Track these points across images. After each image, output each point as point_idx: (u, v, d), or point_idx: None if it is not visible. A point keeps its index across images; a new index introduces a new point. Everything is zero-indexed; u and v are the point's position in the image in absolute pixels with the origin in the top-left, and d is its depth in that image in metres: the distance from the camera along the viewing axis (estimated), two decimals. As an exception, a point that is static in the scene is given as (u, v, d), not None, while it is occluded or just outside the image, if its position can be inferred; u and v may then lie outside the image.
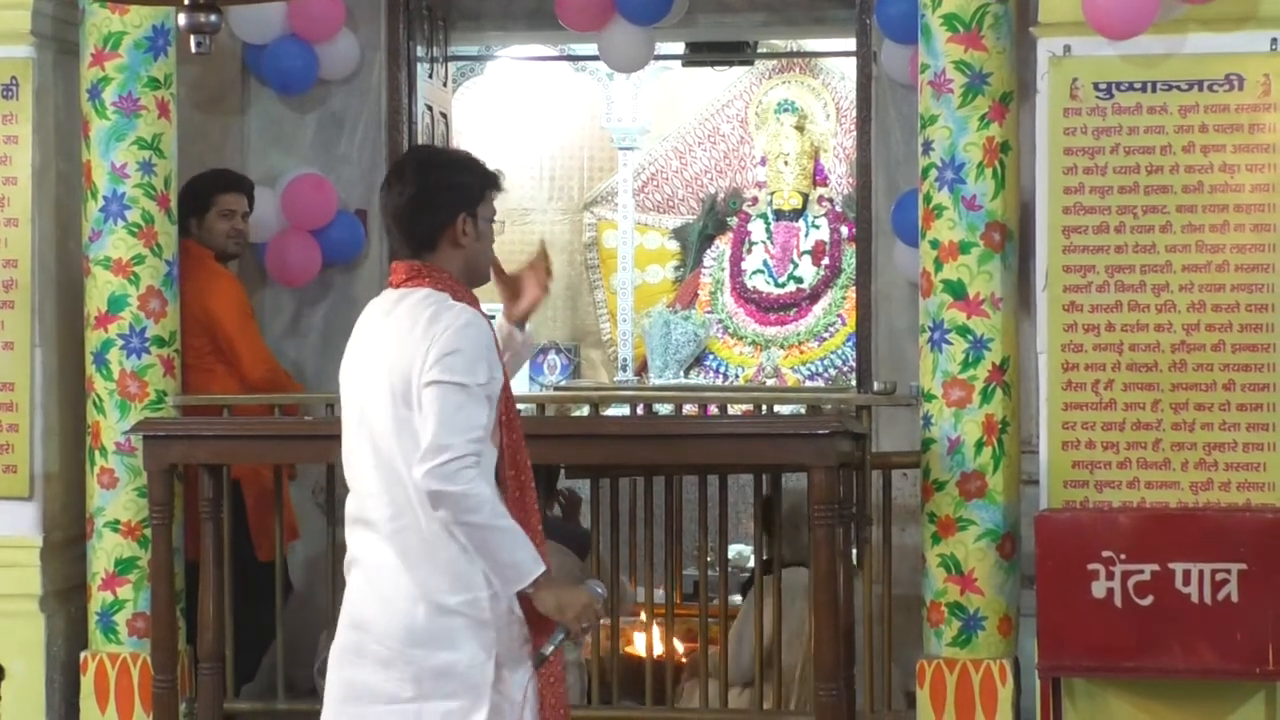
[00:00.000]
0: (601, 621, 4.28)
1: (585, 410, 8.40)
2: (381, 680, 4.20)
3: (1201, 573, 5.84)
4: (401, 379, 4.16)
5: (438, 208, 4.27)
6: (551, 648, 4.22)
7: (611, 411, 8.74)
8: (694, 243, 13.16)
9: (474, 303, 4.27)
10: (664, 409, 8.42)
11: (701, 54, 11.37)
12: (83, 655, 6.62)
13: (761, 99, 13.09)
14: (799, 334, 12.73)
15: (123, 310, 6.56)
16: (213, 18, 4.36)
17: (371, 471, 4.25)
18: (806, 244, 12.79)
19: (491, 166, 4.44)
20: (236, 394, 6.88)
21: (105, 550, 6.58)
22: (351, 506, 4.32)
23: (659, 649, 6.59)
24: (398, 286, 4.29)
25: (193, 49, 4.46)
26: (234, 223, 7.17)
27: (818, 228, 12.77)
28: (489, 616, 4.16)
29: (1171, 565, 5.85)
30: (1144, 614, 5.84)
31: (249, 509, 6.87)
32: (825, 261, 12.73)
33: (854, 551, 6.27)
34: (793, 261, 12.82)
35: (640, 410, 7.91)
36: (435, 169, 4.33)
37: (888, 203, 7.41)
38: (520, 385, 12.75)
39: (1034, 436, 6.32)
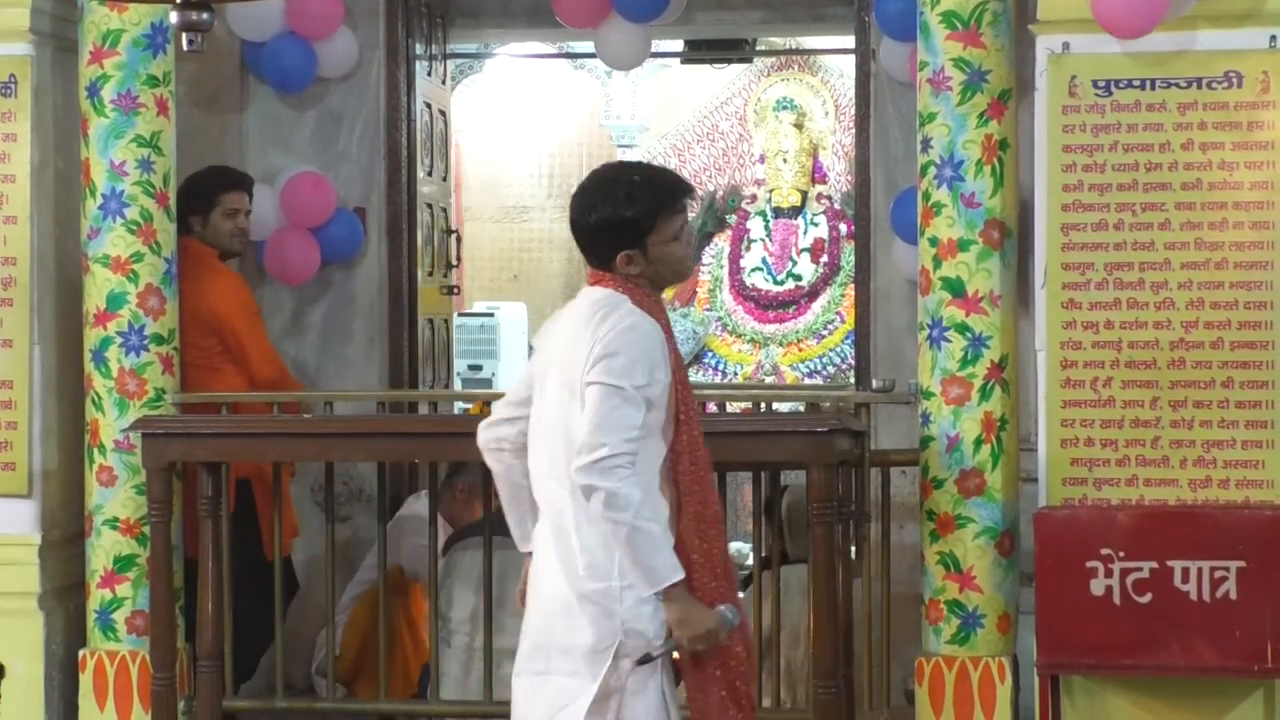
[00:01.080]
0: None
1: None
2: (524, 652, 4.49)
3: (1200, 570, 5.84)
4: (569, 373, 4.36)
5: (611, 239, 4.43)
6: (658, 654, 4.30)
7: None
8: (692, 240, 13.16)
9: (651, 304, 4.42)
10: (663, 406, 8.40)
11: (700, 51, 11.35)
12: (81, 653, 6.62)
13: (760, 96, 13.08)
14: (798, 331, 12.72)
15: (121, 308, 6.55)
16: (204, 15, 4.36)
17: (543, 455, 4.45)
18: (805, 241, 12.79)
19: (679, 177, 4.62)
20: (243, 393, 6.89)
21: (104, 548, 6.58)
22: (533, 487, 4.54)
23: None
24: (592, 285, 4.48)
25: (184, 47, 4.46)
26: (238, 221, 7.17)
27: (816, 225, 12.77)
28: (617, 607, 4.30)
29: (1170, 563, 5.85)
30: (1143, 611, 5.84)
31: (259, 507, 6.86)
32: (824, 259, 12.72)
33: (853, 549, 6.27)
34: (791, 259, 12.81)
35: (639, 408, 7.89)
36: (608, 205, 4.42)
37: (886, 200, 7.42)
38: (519, 383, 12.73)
39: (1032, 434, 6.32)
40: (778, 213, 12.82)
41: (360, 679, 6.98)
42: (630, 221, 4.41)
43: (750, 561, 6.94)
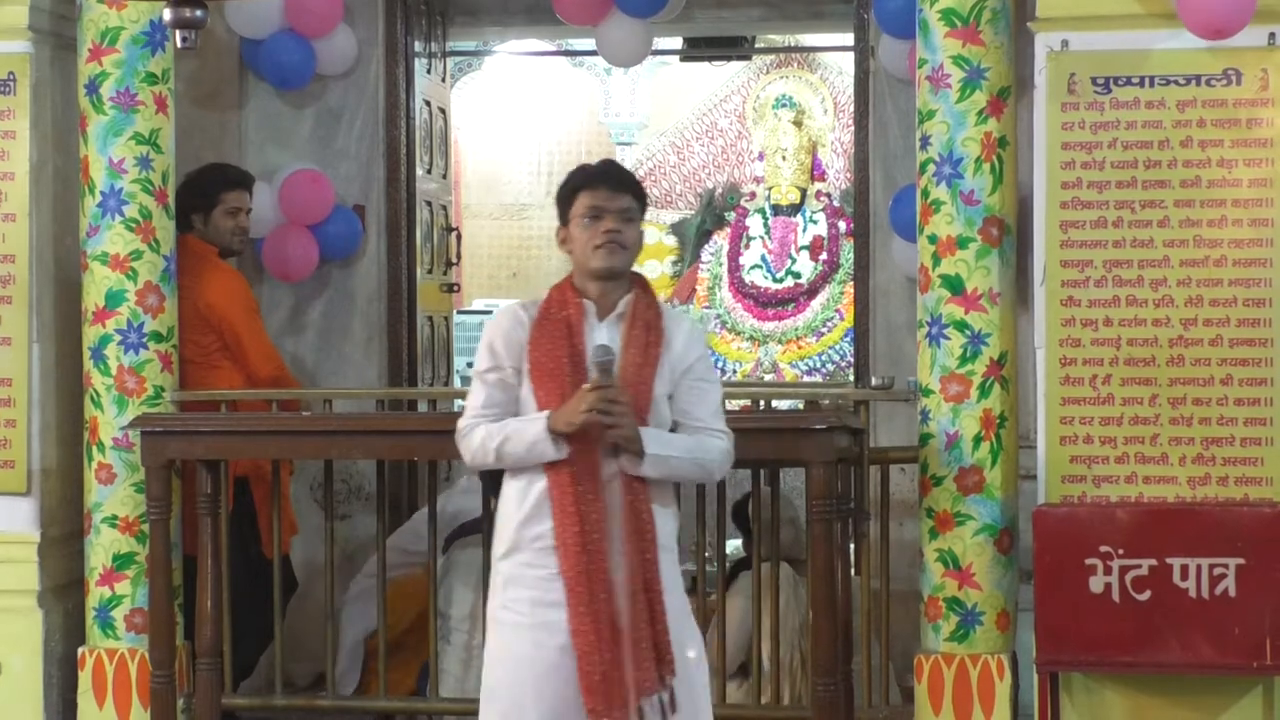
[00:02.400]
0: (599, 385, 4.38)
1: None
2: None
3: (1199, 567, 5.84)
4: None
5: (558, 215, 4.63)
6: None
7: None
8: (692, 238, 13.17)
9: (560, 298, 4.52)
10: (662, 404, 8.39)
11: (699, 49, 11.38)
12: (80, 651, 6.62)
13: (759, 94, 13.09)
14: (797, 329, 12.73)
15: (120, 306, 6.56)
16: (198, 13, 4.37)
17: None
18: (804, 239, 12.79)
19: (586, 162, 4.73)
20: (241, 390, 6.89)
21: (103, 546, 6.58)
22: None
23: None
24: None
25: (177, 44, 4.46)
26: (239, 220, 7.17)
27: (815, 223, 12.78)
28: (493, 576, 4.59)
29: (1169, 560, 5.86)
30: (1142, 609, 5.84)
31: (258, 505, 6.86)
32: (823, 256, 12.73)
33: (852, 547, 6.27)
34: (790, 257, 12.82)
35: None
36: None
37: (886, 198, 7.42)
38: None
39: (1032, 431, 6.32)
40: (777, 210, 12.83)
41: (403, 651, 6.87)
42: (558, 201, 4.58)
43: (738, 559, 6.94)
